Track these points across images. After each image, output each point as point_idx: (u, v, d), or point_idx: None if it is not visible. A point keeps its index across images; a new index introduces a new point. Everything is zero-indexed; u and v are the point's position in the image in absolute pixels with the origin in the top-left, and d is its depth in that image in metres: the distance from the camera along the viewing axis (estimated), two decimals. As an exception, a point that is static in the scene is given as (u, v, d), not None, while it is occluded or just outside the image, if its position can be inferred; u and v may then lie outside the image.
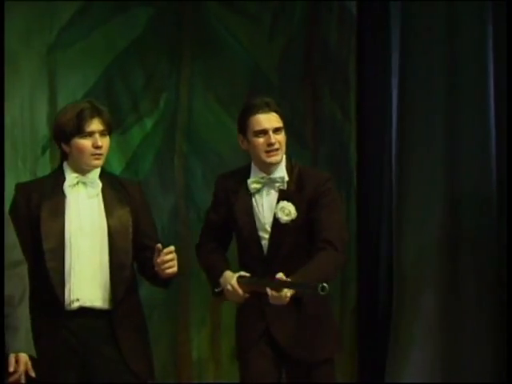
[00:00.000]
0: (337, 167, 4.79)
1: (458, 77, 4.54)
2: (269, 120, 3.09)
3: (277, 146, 3.07)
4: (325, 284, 2.77)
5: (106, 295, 2.92)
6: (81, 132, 2.85)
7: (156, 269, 2.81)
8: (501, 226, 4.57)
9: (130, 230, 2.96)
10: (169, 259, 2.77)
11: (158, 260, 2.77)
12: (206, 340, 4.61)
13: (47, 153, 4.45)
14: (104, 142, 2.90)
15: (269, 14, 4.84)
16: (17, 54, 4.29)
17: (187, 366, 4.59)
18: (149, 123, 4.54)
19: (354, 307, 4.89)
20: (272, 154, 3.07)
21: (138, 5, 4.52)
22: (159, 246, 2.83)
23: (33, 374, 2.58)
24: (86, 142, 2.88)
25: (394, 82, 4.68)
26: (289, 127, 3.37)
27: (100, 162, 2.92)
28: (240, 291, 2.94)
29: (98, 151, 2.89)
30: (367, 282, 5.00)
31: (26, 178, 4.22)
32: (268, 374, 3.14)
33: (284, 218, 3.09)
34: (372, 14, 4.82)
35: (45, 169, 4.34)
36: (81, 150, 2.88)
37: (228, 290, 2.96)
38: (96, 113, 2.88)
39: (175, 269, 2.82)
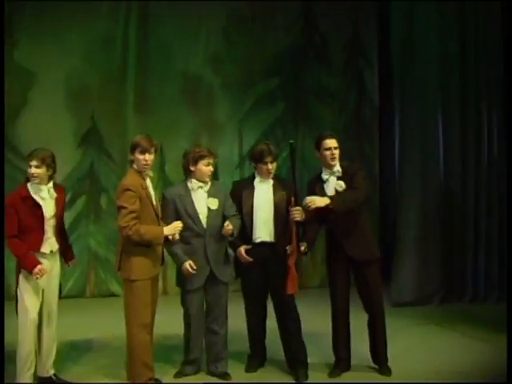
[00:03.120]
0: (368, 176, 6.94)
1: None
2: (332, 142, 5.02)
3: (335, 156, 5.00)
4: (292, 140, 4.96)
5: (272, 234, 4.95)
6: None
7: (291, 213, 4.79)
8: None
9: (284, 204, 4.94)
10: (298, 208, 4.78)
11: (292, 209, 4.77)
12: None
13: (238, 168, 8.95)
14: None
15: (338, 102, 9.38)
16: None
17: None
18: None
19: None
20: (333, 159, 5.01)
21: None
22: (293, 199, 4.77)
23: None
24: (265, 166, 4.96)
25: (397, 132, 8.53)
26: (349, 156, 6.76)
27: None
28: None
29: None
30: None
31: (228, 181, 8.42)
32: (343, 272, 5.08)
33: (339, 189, 5.00)
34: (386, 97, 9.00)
35: (236, 176, 8.71)
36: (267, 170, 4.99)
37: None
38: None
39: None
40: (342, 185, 4.96)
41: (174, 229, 4.59)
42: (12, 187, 7.16)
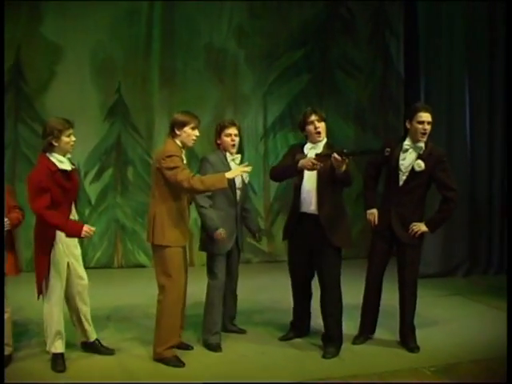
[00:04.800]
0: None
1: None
2: (427, 116, 4.80)
3: (427, 132, 4.80)
4: (388, 149, 4.56)
5: (315, 205, 4.79)
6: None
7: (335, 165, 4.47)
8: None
9: (329, 171, 4.64)
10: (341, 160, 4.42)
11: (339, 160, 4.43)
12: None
13: (263, 140, 9.01)
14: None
15: (363, 74, 9.40)
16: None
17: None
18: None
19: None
20: (424, 135, 4.82)
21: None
22: (341, 149, 4.45)
23: None
24: (311, 126, 4.78)
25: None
26: (373, 130, 7.49)
27: None
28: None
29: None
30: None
31: (253, 153, 8.79)
32: (385, 249, 5.03)
33: (417, 168, 4.80)
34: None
35: (261, 148, 8.94)
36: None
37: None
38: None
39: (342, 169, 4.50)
40: (421, 165, 4.82)
41: (238, 171, 4.58)
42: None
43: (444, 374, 4.48)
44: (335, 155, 4.42)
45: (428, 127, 4.80)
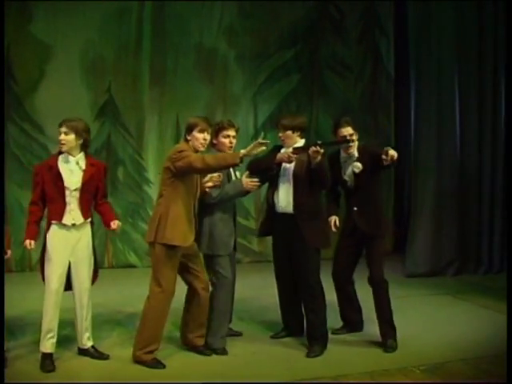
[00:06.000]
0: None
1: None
2: (347, 131, 5.04)
3: (352, 144, 5.06)
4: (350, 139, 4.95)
5: (291, 205, 4.88)
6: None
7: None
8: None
9: (304, 172, 4.83)
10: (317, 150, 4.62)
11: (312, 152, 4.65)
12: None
13: (253, 140, 8.79)
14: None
15: (353, 74, 9.42)
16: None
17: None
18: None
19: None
20: (349, 149, 5.09)
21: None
22: (315, 142, 4.68)
23: None
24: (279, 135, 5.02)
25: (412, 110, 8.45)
26: (364, 130, 7.30)
27: None
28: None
29: None
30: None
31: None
32: (348, 245, 5.18)
33: (356, 170, 5.05)
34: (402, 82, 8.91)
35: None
36: None
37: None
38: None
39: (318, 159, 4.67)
40: (358, 166, 4.98)
41: (254, 146, 4.46)
42: (29, 158, 7.88)
43: (433, 373, 4.49)
44: (312, 147, 4.65)
45: (351, 139, 5.01)
